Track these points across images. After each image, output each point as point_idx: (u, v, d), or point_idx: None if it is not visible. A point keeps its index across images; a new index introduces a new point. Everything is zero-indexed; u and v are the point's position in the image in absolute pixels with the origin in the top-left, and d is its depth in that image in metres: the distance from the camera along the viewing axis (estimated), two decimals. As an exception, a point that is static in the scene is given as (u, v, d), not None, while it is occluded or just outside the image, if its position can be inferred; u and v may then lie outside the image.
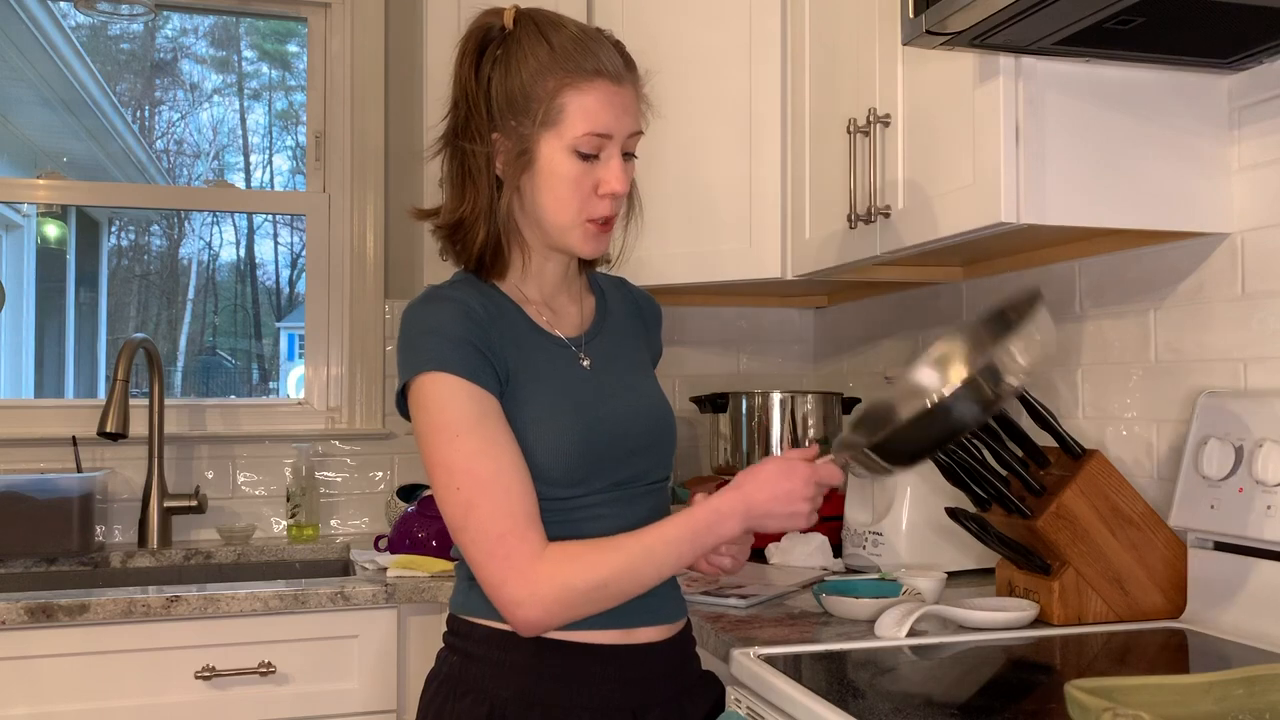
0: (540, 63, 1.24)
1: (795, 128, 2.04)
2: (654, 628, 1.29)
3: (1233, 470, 1.41)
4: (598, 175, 1.26)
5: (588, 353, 1.34)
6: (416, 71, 2.51)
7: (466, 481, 1.18)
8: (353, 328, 2.70)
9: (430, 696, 1.29)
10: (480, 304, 1.26)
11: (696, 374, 2.75)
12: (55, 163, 5.30)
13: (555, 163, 1.25)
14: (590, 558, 1.18)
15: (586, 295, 1.42)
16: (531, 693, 1.23)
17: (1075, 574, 1.48)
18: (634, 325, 1.45)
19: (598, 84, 1.24)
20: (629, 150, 1.29)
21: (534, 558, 1.17)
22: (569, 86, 1.23)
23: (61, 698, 1.80)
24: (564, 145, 1.24)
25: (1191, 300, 1.60)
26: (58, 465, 2.46)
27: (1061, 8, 1.23)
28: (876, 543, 1.90)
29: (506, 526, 1.17)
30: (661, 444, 1.36)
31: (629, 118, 1.27)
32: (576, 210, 1.27)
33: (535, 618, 1.17)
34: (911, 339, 2.34)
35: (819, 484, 1.24)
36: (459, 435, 1.19)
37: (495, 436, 1.20)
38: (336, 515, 2.66)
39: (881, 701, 1.13)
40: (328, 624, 1.93)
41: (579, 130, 1.24)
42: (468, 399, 1.20)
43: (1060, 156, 1.45)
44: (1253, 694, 0.97)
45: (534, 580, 1.16)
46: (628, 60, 1.30)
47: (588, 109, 1.24)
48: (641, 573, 1.20)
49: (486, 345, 1.23)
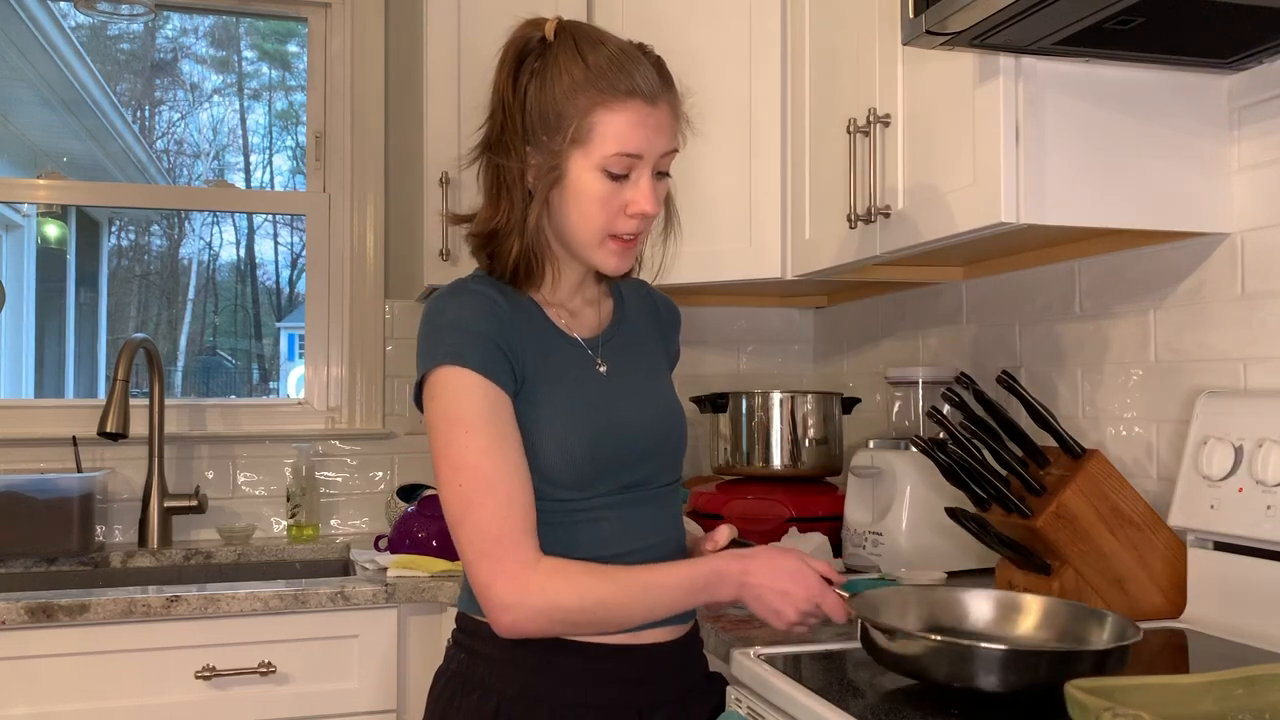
0: (574, 80, 1.23)
1: (795, 128, 2.04)
2: (662, 629, 1.29)
3: (1233, 470, 1.41)
4: (626, 196, 1.25)
5: (603, 355, 1.34)
6: (416, 71, 2.51)
7: (470, 478, 1.18)
8: (353, 328, 2.70)
9: (438, 693, 1.30)
10: (504, 300, 1.27)
11: (696, 374, 2.75)
12: (55, 163, 5.29)
13: (584, 181, 1.24)
14: (584, 581, 1.19)
15: (604, 298, 1.41)
16: (538, 690, 1.23)
17: (1075, 574, 1.48)
18: (652, 328, 1.45)
19: (631, 104, 1.23)
20: (662, 169, 1.28)
21: (527, 566, 1.17)
22: (601, 106, 1.22)
23: (61, 698, 1.80)
24: (593, 164, 1.23)
25: (1191, 300, 1.60)
26: (58, 465, 2.46)
27: (1061, 8, 1.23)
28: (876, 543, 1.90)
29: (504, 529, 1.17)
30: (672, 448, 1.36)
31: (662, 138, 1.26)
32: (601, 228, 1.26)
33: (518, 624, 1.18)
34: (911, 339, 2.34)
35: (818, 607, 1.24)
36: (469, 431, 1.19)
37: (505, 436, 1.20)
38: (336, 515, 2.66)
39: (881, 701, 1.13)
40: (328, 624, 1.93)
41: (609, 150, 1.23)
42: (482, 395, 1.20)
43: (1060, 156, 1.45)
44: (1253, 694, 0.97)
45: (523, 589, 1.17)
46: (666, 78, 1.28)
47: (619, 129, 1.22)
48: (631, 610, 1.21)
49: (507, 343, 1.23)
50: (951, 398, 1.51)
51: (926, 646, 1.10)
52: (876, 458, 1.97)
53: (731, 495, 2.17)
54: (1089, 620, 1.21)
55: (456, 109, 2.29)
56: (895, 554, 1.87)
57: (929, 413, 1.54)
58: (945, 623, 1.27)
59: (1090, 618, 1.22)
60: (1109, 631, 1.18)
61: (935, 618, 1.28)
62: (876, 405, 2.45)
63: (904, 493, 1.89)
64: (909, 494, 1.89)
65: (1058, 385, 1.87)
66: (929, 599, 1.30)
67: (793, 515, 2.08)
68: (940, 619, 1.28)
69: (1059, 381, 1.86)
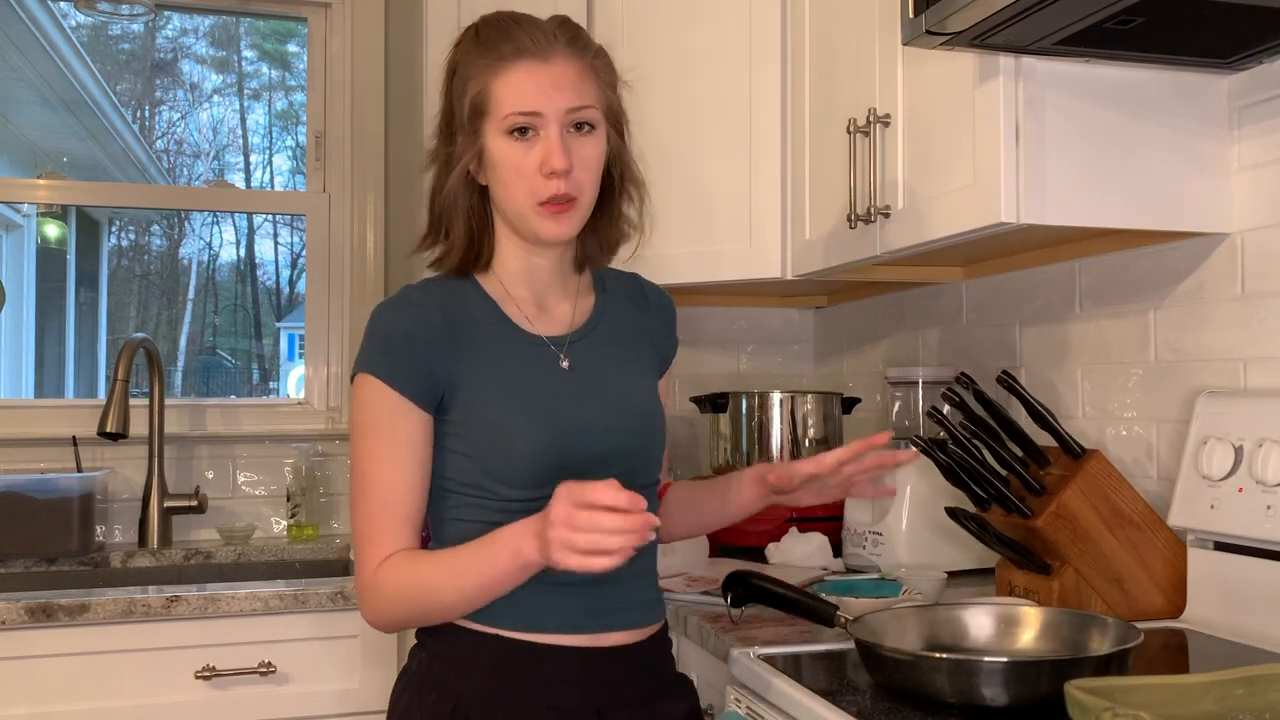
0: (472, 60, 1.28)
1: (795, 128, 2.04)
2: (623, 632, 1.28)
3: (1233, 470, 1.41)
4: (536, 155, 1.25)
5: (569, 353, 1.33)
6: (416, 71, 2.50)
7: (357, 481, 1.26)
8: (353, 328, 2.70)
9: (399, 692, 1.31)
10: (444, 308, 1.28)
11: (696, 374, 2.75)
12: (55, 163, 5.30)
13: (496, 151, 1.26)
14: (412, 573, 1.22)
15: (585, 294, 1.40)
16: (495, 692, 1.23)
17: (1075, 574, 1.48)
18: (639, 323, 1.43)
19: (519, 64, 1.25)
20: (577, 122, 1.27)
21: (376, 564, 1.23)
22: (492, 72, 1.26)
23: (61, 698, 1.80)
24: (498, 131, 1.26)
25: (1191, 300, 1.60)
26: (58, 465, 2.46)
27: (1061, 8, 1.23)
28: (876, 543, 1.90)
29: (369, 531, 1.24)
30: (641, 448, 1.33)
31: (561, 93, 1.25)
32: (525, 194, 1.26)
33: (369, 619, 1.26)
34: (911, 339, 2.34)
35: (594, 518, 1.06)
36: (365, 437, 1.25)
37: (397, 444, 1.24)
38: (336, 515, 2.66)
39: (881, 701, 1.13)
40: (328, 624, 1.93)
41: (504, 110, 1.25)
42: (382, 405, 1.24)
43: (1060, 156, 1.45)
44: (1253, 694, 0.97)
45: (366, 585, 1.24)
46: (570, 35, 1.28)
47: (510, 90, 1.25)
48: (449, 595, 1.21)
49: (430, 353, 1.25)
50: (951, 398, 1.51)
51: (928, 663, 1.10)
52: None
53: (731, 495, 2.17)
54: (1089, 627, 1.21)
55: (456, 109, 2.28)
56: (895, 554, 1.87)
57: (929, 413, 1.54)
58: (946, 640, 1.27)
59: (1090, 624, 1.22)
60: (1109, 638, 1.18)
61: (936, 636, 1.28)
62: (876, 405, 2.45)
63: (904, 493, 1.89)
64: (909, 494, 1.89)
65: (1058, 385, 1.87)
66: (928, 618, 1.29)
67: (793, 515, 2.08)
68: (941, 637, 1.28)
69: (1059, 381, 1.86)
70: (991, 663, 1.08)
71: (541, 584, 1.21)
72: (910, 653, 1.14)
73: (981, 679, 1.07)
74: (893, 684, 1.15)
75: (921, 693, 1.11)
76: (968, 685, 1.07)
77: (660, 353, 1.46)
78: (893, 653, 1.14)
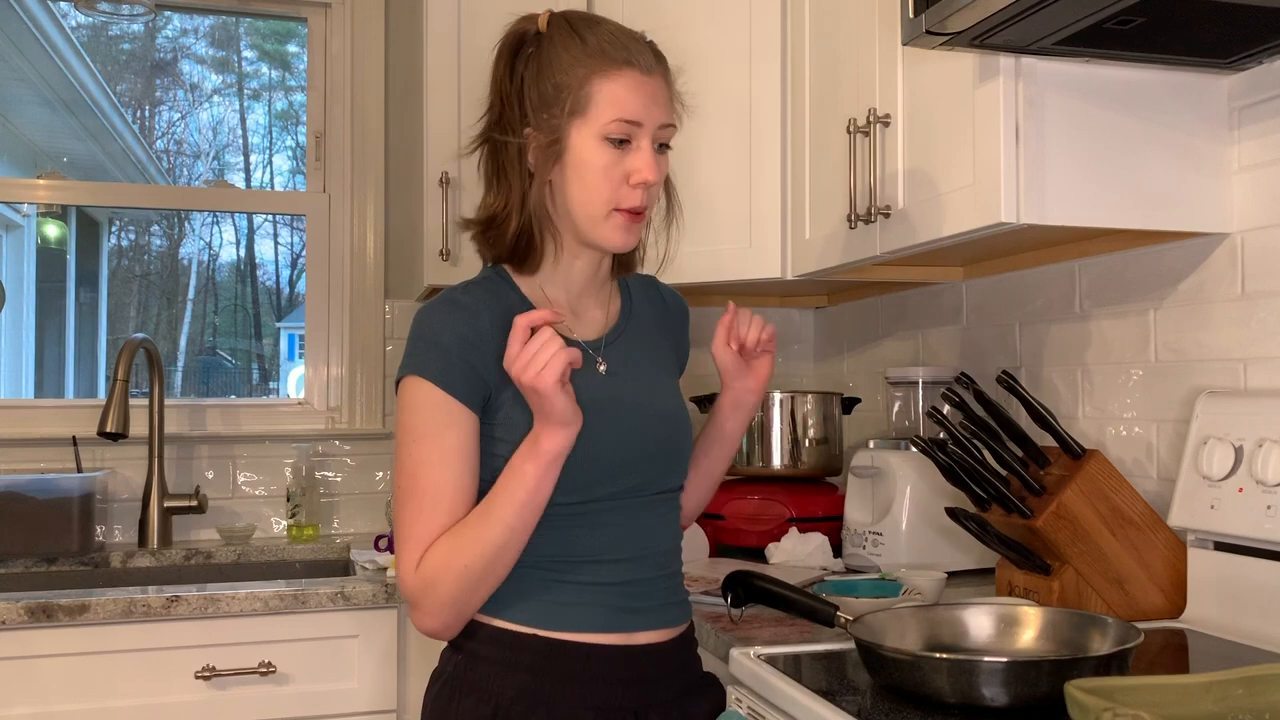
0: (572, 56, 1.26)
1: (795, 128, 2.04)
2: (655, 631, 1.30)
3: (1233, 470, 1.41)
4: (628, 164, 1.26)
5: (606, 356, 1.34)
6: (416, 71, 2.51)
7: (406, 483, 1.23)
8: (353, 328, 2.70)
9: (435, 695, 1.30)
10: (491, 312, 1.27)
11: (696, 374, 2.74)
12: (55, 163, 5.30)
13: (586, 151, 1.25)
14: (451, 541, 1.21)
15: (614, 298, 1.41)
16: (535, 693, 1.23)
17: (1075, 574, 1.48)
18: (661, 326, 1.45)
19: (627, 72, 1.25)
20: (662, 141, 1.29)
21: (417, 562, 1.21)
22: (598, 74, 1.25)
23: (61, 698, 1.80)
24: (593, 133, 1.25)
25: (1191, 300, 1.60)
26: (58, 465, 2.46)
27: (1061, 8, 1.23)
28: (876, 543, 1.90)
29: (418, 531, 1.22)
30: (673, 451, 1.35)
31: (659, 108, 1.27)
32: (607, 199, 1.26)
33: (427, 623, 1.24)
34: (911, 339, 2.34)
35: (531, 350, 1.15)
36: (415, 440, 1.23)
37: (448, 449, 1.22)
38: (336, 515, 2.66)
39: (881, 701, 1.13)
40: (328, 624, 1.93)
41: (608, 117, 1.24)
42: (435, 408, 1.23)
43: (1060, 156, 1.45)
44: (1253, 694, 0.97)
45: (413, 585, 1.22)
46: (658, 55, 1.31)
47: (617, 95, 1.24)
48: (498, 544, 1.20)
49: (479, 358, 1.24)
50: (951, 398, 1.51)
51: (929, 664, 1.10)
52: (876, 458, 1.97)
53: (732, 495, 2.17)
54: (1089, 627, 1.21)
55: (456, 109, 2.29)
56: (895, 554, 1.87)
57: (929, 413, 1.54)
58: (946, 640, 1.27)
59: (1090, 624, 1.22)
60: (1109, 638, 1.18)
61: (936, 636, 1.28)
62: (876, 405, 2.45)
63: (904, 493, 1.89)
64: (909, 494, 1.89)
65: (1058, 385, 1.87)
66: (928, 618, 1.29)
67: (793, 515, 2.08)
68: (941, 637, 1.28)
69: (1059, 381, 1.86)
70: (991, 663, 1.08)
71: (580, 585, 1.23)
72: (910, 653, 1.14)
73: (982, 679, 1.07)
74: (893, 684, 1.15)
75: (921, 693, 1.11)
76: (968, 685, 1.07)
77: (679, 353, 1.49)
78: (893, 653, 1.14)
